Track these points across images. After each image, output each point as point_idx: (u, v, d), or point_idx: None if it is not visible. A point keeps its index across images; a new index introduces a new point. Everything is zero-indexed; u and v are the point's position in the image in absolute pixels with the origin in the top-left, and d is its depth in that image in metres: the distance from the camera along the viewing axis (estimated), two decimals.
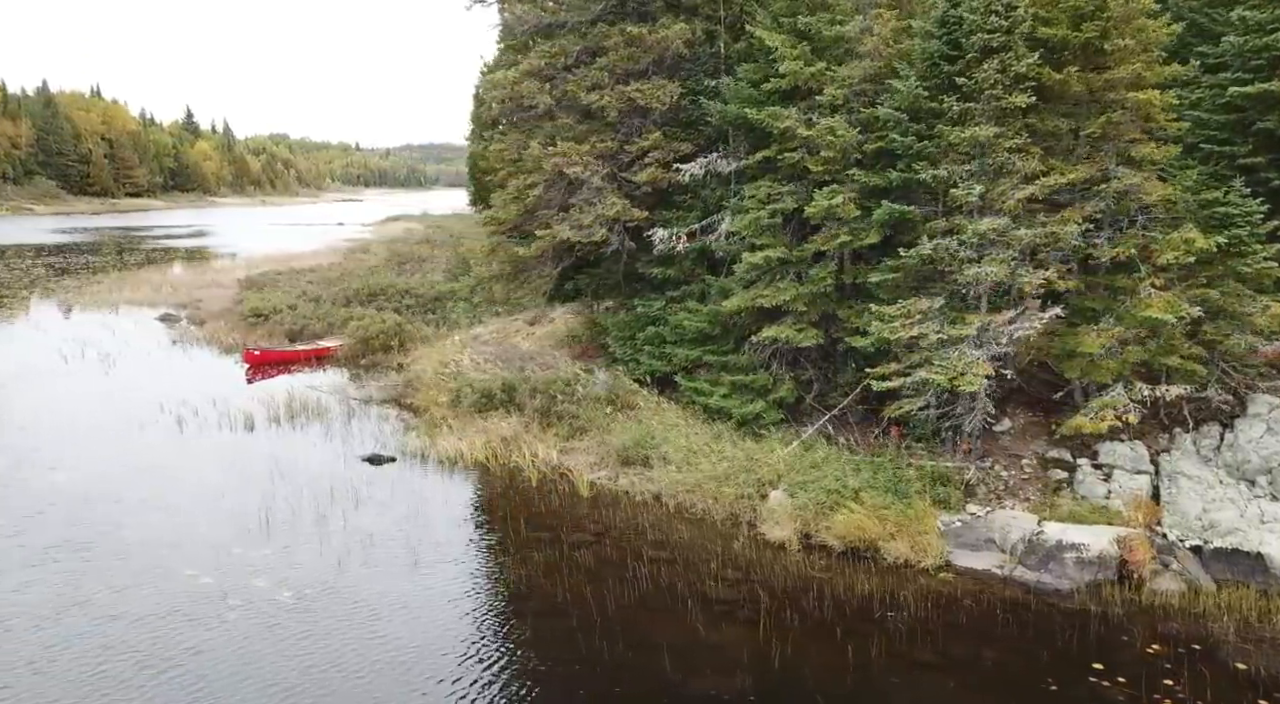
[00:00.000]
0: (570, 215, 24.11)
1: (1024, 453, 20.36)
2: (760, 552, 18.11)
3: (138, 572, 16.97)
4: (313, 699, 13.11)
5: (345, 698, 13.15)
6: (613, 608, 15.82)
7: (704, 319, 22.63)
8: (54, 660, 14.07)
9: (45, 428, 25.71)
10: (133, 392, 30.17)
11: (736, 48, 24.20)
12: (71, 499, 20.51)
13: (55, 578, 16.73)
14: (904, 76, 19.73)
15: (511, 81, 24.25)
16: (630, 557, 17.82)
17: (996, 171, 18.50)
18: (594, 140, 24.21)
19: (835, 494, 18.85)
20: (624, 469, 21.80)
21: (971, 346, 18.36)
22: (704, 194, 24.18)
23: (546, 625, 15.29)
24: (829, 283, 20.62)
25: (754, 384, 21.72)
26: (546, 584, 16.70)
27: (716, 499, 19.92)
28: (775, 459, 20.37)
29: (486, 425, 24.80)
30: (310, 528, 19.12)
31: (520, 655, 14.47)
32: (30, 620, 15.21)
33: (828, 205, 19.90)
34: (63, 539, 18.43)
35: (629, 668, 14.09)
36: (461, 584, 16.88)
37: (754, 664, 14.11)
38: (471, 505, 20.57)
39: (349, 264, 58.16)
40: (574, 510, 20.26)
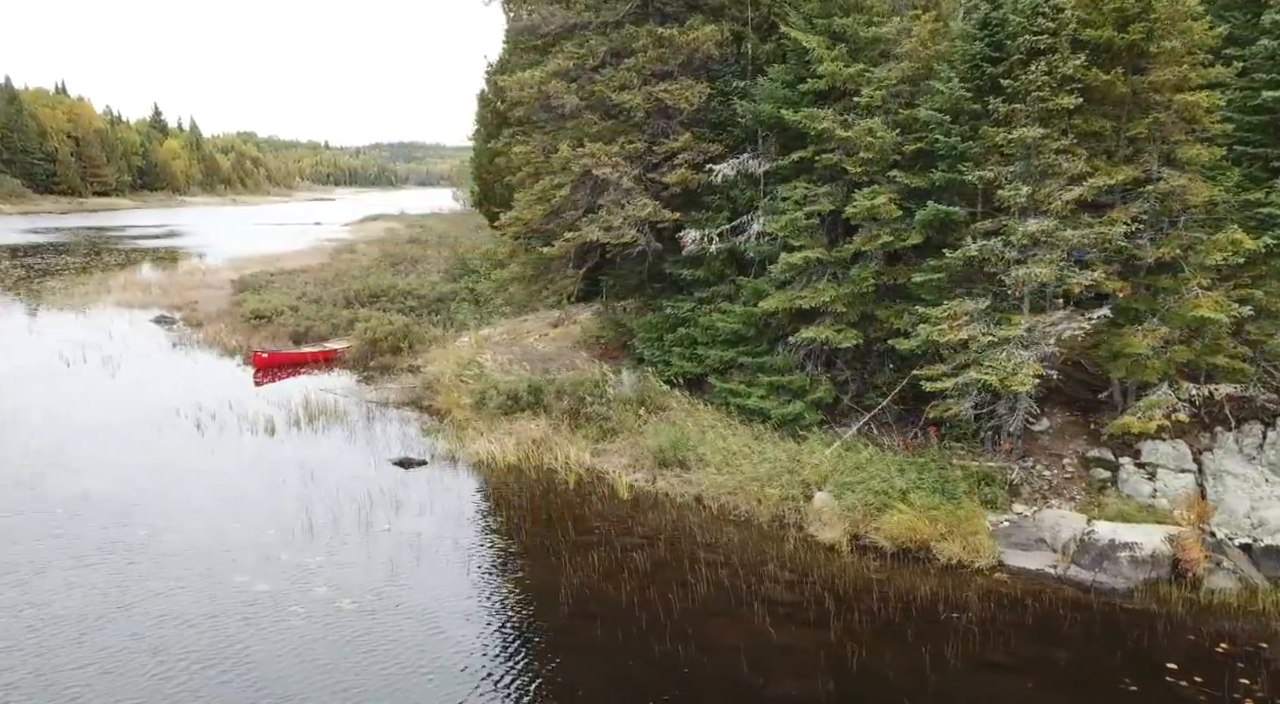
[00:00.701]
0: (599, 216, 23.95)
1: (1064, 452, 20.47)
2: (813, 553, 18.08)
3: (187, 577, 16.73)
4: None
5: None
6: (677, 611, 15.74)
7: (738, 320, 22.59)
8: (119, 662, 13.87)
9: (63, 432, 25.30)
10: (142, 395, 29.78)
11: (765, 49, 24.16)
12: (106, 503, 20.21)
13: (101, 580, 16.51)
14: (945, 78, 19.76)
15: (539, 81, 24.06)
16: (684, 559, 17.76)
17: (1042, 173, 18.57)
18: (622, 141, 24.09)
19: (882, 495, 18.87)
20: (661, 471, 21.71)
21: (1018, 347, 18.41)
22: (732, 194, 24.11)
23: (614, 629, 15.17)
24: (870, 283, 20.61)
25: (791, 385, 21.71)
26: (607, 587, 16.59)
27: (760, 501, 19.87)
28: (817, 460, 20.34)
29: (514, 427, 24.64)
30: (354, 533, 18.91)
31: (594, 659, 14.39)
32: (87, 622, 14.98)
33: (870, 206, 19.91)
34: (105, 543, 18.22)
35: (706, 672, 14.01)
36: (521, 588, 16.75)
37: (832, 667, 14.07)
38: (513, 508, 20.38)
39: (339, 265, 57.69)
40: (617, 513, 20.16)
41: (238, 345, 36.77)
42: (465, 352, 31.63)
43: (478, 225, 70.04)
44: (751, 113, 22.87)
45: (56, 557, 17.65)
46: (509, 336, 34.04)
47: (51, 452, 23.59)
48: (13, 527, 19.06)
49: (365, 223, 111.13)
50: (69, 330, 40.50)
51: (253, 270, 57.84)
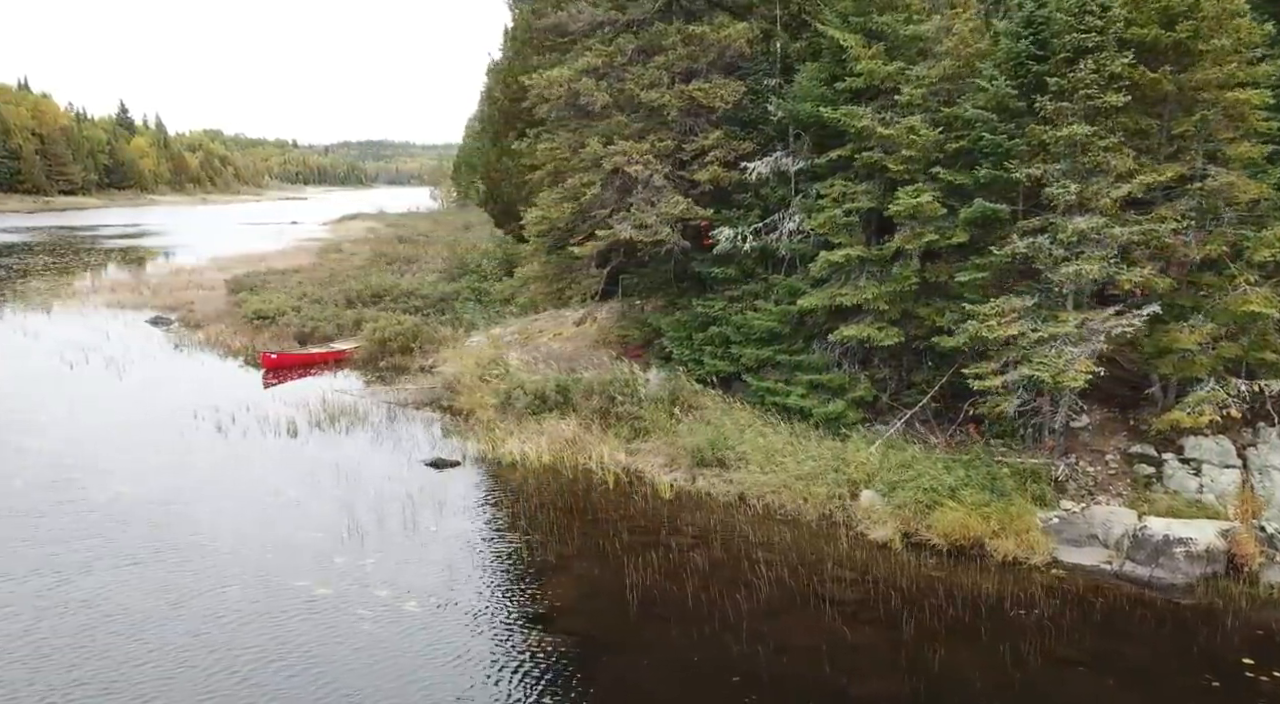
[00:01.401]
0: (631, 214, 23.82)
1: (1105, 449, 20.56)
2: (868, 551, 18.06)
3: (244, 578, 16.50)
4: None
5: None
6: (745, 610, 15.66)
7: (773, 318, 22.54)
8: (181, 660, 13.68)
9: (84, 435, 24.90)
10: (154, 397, 29.37)
11: (796, 47, 24.12)
12: (143, 505, 19.94)
13: (155, 580, 16.17)
14: (989, 76, 19.80)
15: (568, 79, 23.89)
16: (740, 559, 17.69)
17: (1089, 170, 18.64)
18: (652, 138, 23.97)
19: (931, 493, 18.87)
20: (700, 470, 21.61)
21: (1066, 344, 18.47)
22: (763, 192, 24.07)
23: (686, 629, 15.07)
24: (913, 281, 20.62)
25: (831, 383, 21.69)
26: (670, 587, 16.49)
27: (806, 499, 19.83)
28: (862, 458, 20.32)
29: (543, 427, 24.47)
30: (402, 534, 18.71)
31: (671, 660, 14.27)
32: (145, 620, 14.75)
33: (914, 204, 19.91)
34: (152, 544, 18.04)
35: (787, 672, 13.94)
36: (585, 589, 16.65)
37: (913, 665, 14.03)
38: (558, 508, 20.19)
39: (330, 265, 57.36)
40: (663, 512, 20.04)
41: (242, 346, 36.30)
42: (479, 351, 31.42)
43: (466, 225, 69.92)
44: (788, 111, 22.81)
45: (102, 557, 17.43)
46: (520, 336, 33.85)
47: (77, 454, 23.18)
48: (54, 527, 18.81)
49: (343, 222, 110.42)
50: (63, 332, 39.85)
51: (241, 270, 57.27)
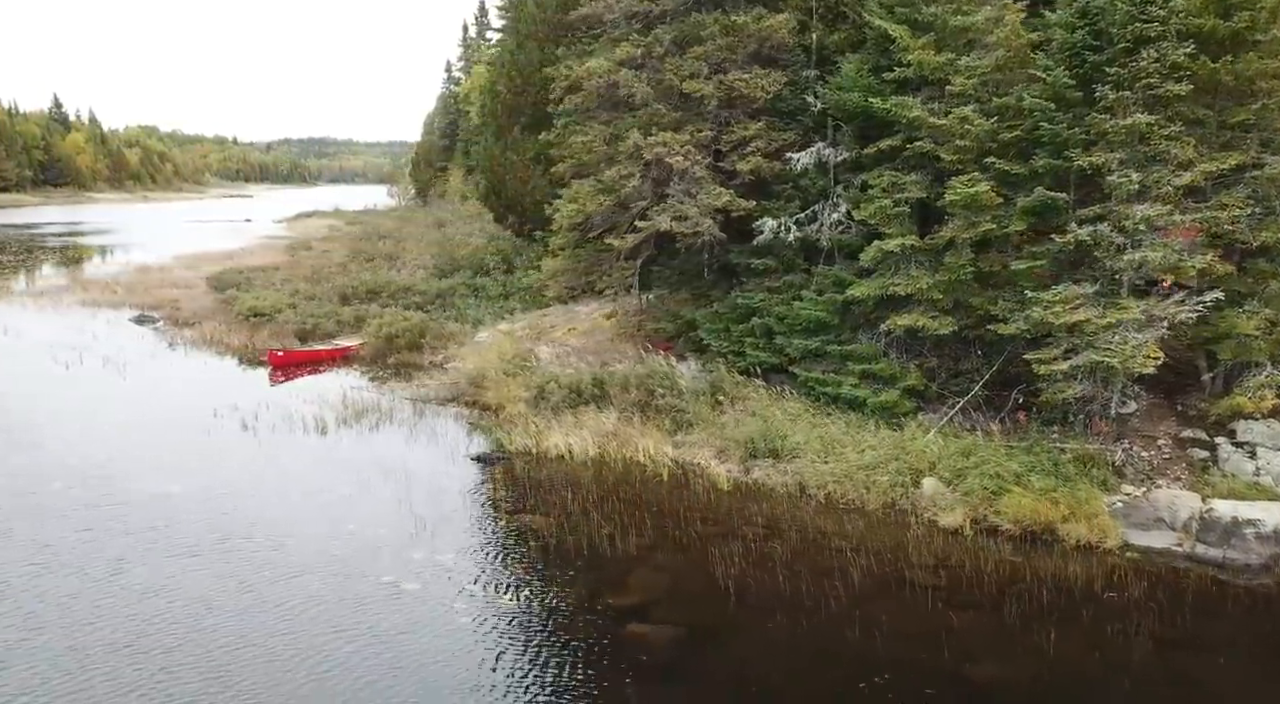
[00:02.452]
0: (670, 206, 23.70)
1: (1156, 434, 20.88)
2: (943, 538, 18.14)
3: (328, 577, 16.08)
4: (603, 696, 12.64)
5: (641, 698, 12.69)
6: (838, 597, 15.66)
7: (821, 308, 22.55)
8: (275, 650, 13.29)
9: (106, 434, 24.24)
10: (165, 396, 28.71)
11: (834, 38, 24.16)
12: (195, 502, 19.48)
13: (230, 572, 15.70)
14: (1044, 67, 19.99)
15: (606, 70, 23.70)
16: (819, 548, 17.72)
17: (1148, 159, 18.90)
18: (691, 129, 23.87)
19: (997, 479, 19.00)
20: (754, 462, 21.54)
21: (1130, 330, 18.72)
22: (802, 184, 24.08)
23: (786, 617, 15.10)
24: (968, 270, 20.76)
25: (883, 373, 21.77)
26: (758, 576, 16.43)
27: (869, 488, 19.86)
28: (920, 446, 20.42)
29: (581, 421, 24.23)
30: (473, 530, 18.50)
31: (783, 646, 14.31)
32: (232, 612, 14.31)
33: (971, 193, 20.03)
34: (216, 539, 17.53)
35: (899, 655, 13.92)
36: (672, 580, 16.59)
37: (1026, 648, 14.15)
38: (620, 500, 19.99)
39: (309, 262, 56.34)
40: (726, 504, 19.99)
41: (242, 344, 35.51)
42: (499, 346, 31.09)
43: (439, 222, 69.09)
44: (832, 101, 22.83)
45: (169, 551, 17.05)
46: (532, 332, 33.59)
47: (106, 454, 22.55)
48: (108, 524, 18.35)
49: (299, 220, 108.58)
50: (45, 331, 38.68)
51: (212, 268, 56.35)
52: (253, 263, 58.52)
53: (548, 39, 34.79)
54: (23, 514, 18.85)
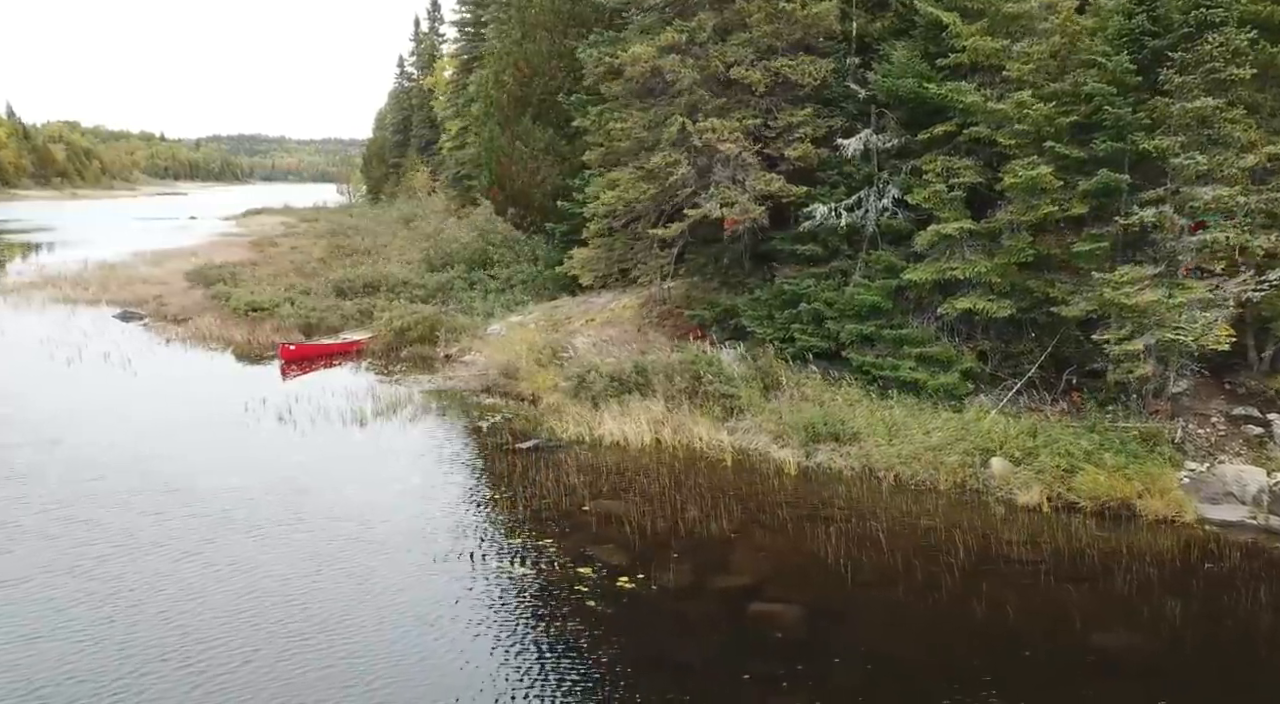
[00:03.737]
0: (718, 192, 23.70)
1: (1208, 411, 21.39)
2: (1026, 515, 18.39)
3: (436, 563, 15.82)
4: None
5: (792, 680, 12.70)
6: (950, 575, 15.79)
7: (876, 293, 22.72)
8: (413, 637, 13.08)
9: (142, 432, 23.51)
10: (186, 392, 28.11)
11: (876, 26, 24.36)
12: (268, 496, 19.04)
13: (347, 568, 15.38)
14: (1102, 52, 20.36)
15: (651, 57, 23.61)
16: (907, 527, 17.87)
17: (1211, 142, 19.35)
18: (738, 116, 23.90)
19: (1068, 457, 19.33)
20: (815, 446, 21.61)
21: (1196, 309, 19.17)
22: (846, 170, 24.25)
23: (900, 593, 15.25)
24: (1027, 253, 21.07)
25: (941, 356, 22.01)
26: (865, 557, 16.49)
27: (938, 469, 20.06)
28: (984, 427, 20.68)
29: (626, 409, 24.10)
30: (559, 516, 18.33)
31: (908, 621, 14.40)
32: (353, 602, 14.02)
33: (1032, 176, 20.32)
34: (308, 528, 17.21)
35: (1024, 627, 14.17)
36: (776, 561, 16.63)
37: (1153, 618, 14.45)
38: (695, 487, 19.94)
39: (283, 258, 55.51)
40: (799, 487, 20.07)
41: (244, 340, 34.77)
42: (520, 337, 30.85)
43: (407, 218, 68.30)
44: (883, 88, 23.00)
45: (250, 532, 16.81)
46: (547, 323, 33.37)
47: (153, 449, 21.96)
48: (181, 509, 18.08)
49: (249, 217, 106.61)
50: (28, 328, 37.44)
51: (178, 265, 55.21)
52: (222, 259, 57.21)
53: (557, 28, 34.53)
54: (92, 504, 18.36)
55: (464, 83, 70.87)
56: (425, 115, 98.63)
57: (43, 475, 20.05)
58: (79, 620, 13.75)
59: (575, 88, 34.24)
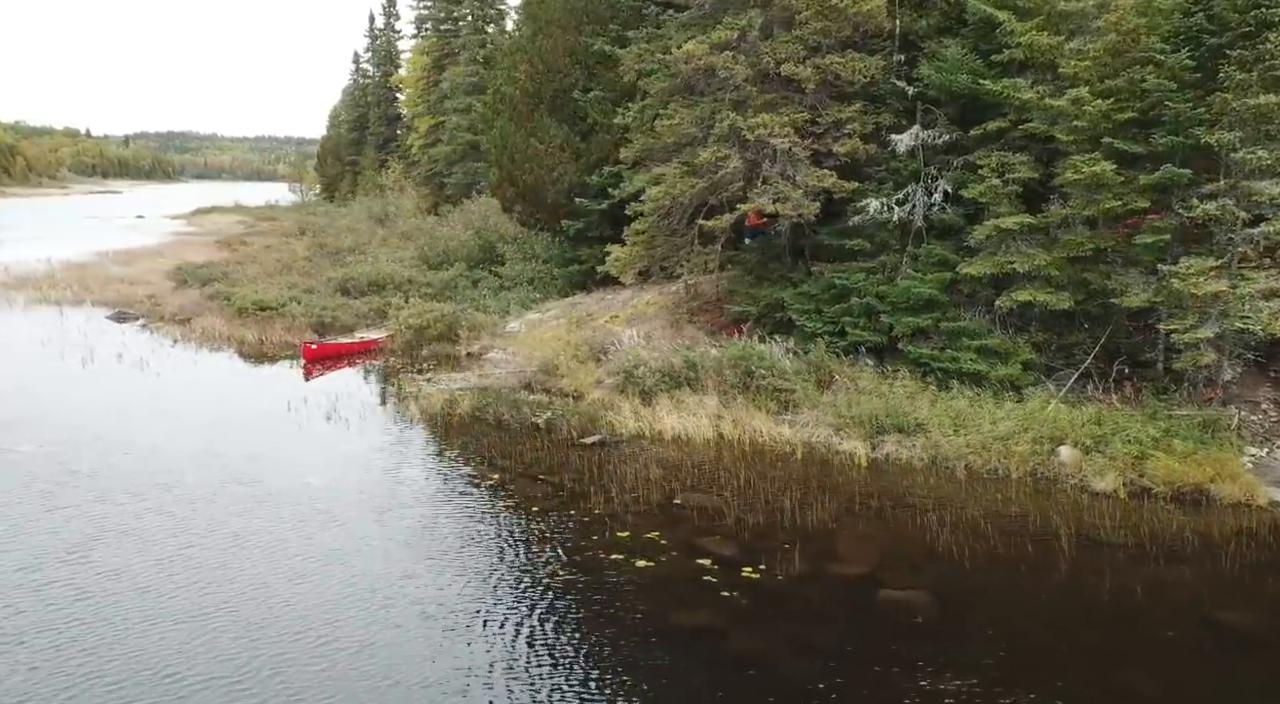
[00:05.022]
0: (770, 188, 23.93)
1: (1256, 398, 22.14)
2: (1107, 502, 18.86)
3: (558, 555, 15.83)
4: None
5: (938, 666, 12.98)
6: (1058, 559, 16.21)
7: (933, 286, 23.11)
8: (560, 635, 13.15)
9: (201, 432, 23.07)
10: (218, 393, 27.81)
11: (922, 23, 24.75)
12: (353, 495, 18.84)
13: (480, 567, 15.34)
14: (1160, 49, 20.97)
15: (704, 53, 23.76)
16: (1000, 515, 18.20)
17: (1270, 137, 20.04)
18: (788, 111, 24.15)
19: (1136, 444, 19.89)
20: (880, 438, 21.91)
21: (1259, 298, 19.86)
22: (893, 165, 24.63)
23: (1027, 581, 15.62)
24: (1087, 247, 21.60)
25: (998, 348, 22.47)
26: (968, 544, 16.73)
27: (1008, 458, 20.48)
28: (1048, 416, 21.17)
29: (679, 404, 24.22)
30: (655, 509, 18.45)
31: (1040, 606, 14.77)
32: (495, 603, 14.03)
33: (1093, 171, 20.85)
34: (414, 523, 16.97)
35: (1154, 607, 14.64)
36: (885, 550, 16.85)
37: (1268, 598, 14.94)
38: (774, 479, 20.12)
39: (263, 256, 54.60)
40: (875, 478, 20.37)
41: (257, 339, 34.25)
42: (552, 333, 30.81)
43: (380, 217, 67.52)
44: (937, 83, 23.40)
45: (358, 524, 16.45)
46: (568, 320, 33.35)
47: (213, 449, 21.56)
48: (269, 508, 17.85)
49: (201, 216, 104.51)
50: (21, 330, 36.46)
51: (152, 264, 54.23)
52: (193, 259, 56.21)
53: (571, 25, 34.50)
54: (178, 501, 18.15)
55: (435, 80, 70.31)
56: (383, 112, 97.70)
57: (113, 474, 19.65)
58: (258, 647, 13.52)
59: (590, 84, 34.31)
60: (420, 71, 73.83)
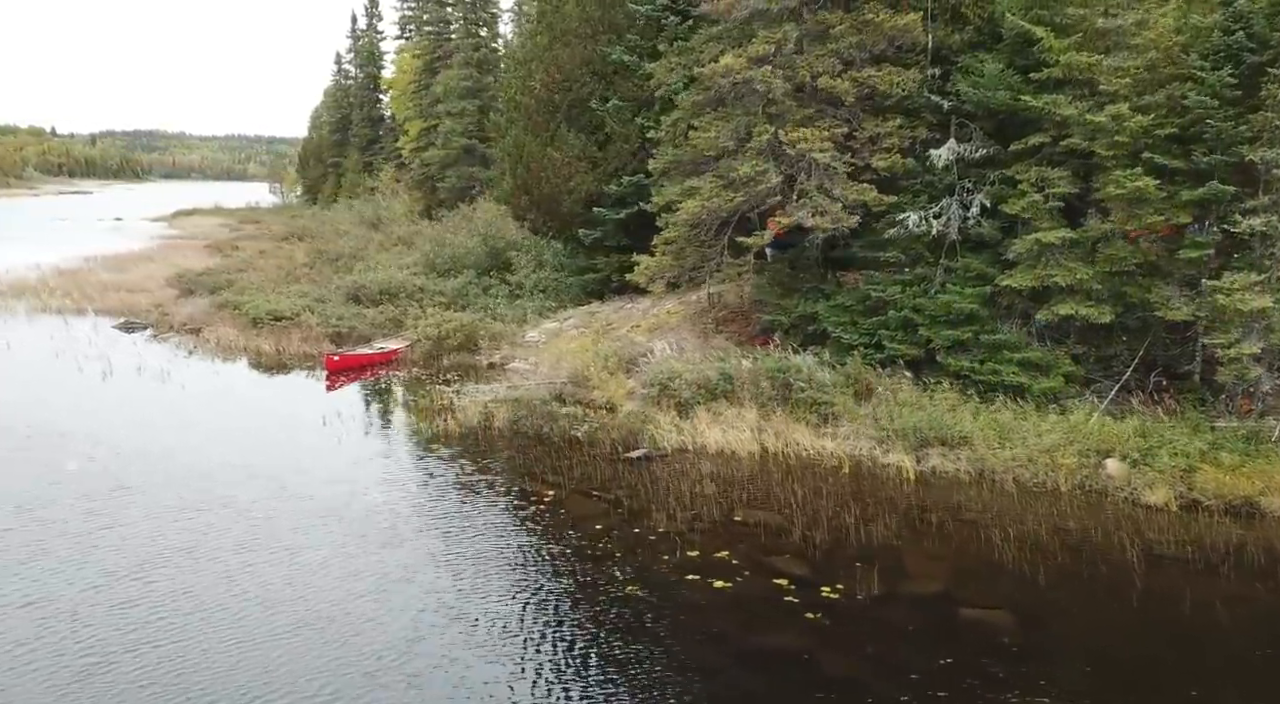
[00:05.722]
0: (810, 200, 24.06)
1: None
2: (1162, 516, 19.10)
3: (660, 582, 15.89)
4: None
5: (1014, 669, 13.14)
6: (1127, 574, 16.44)
7: (974, 299, 23.31)
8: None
9: (246, 444, 23.06)
10: (251, 406, 27.95)
11: (955, 38, 24.96)
12: (410, 510, 18.71)
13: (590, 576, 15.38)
14: (1200, 66, 21.27)
15: (742, 67, 23.85)
16: (1062, 531, 18.34)
17: None
18: (825, 125, 24.30)
19: (1182, 457, 20.16)
20: (925, 451, 22.07)
21: None
22: (928, 179, 24.83)
23: (1104, 595, 15.86)
24: (1130, 261, 21.88)
25: (1039, 361, 22.71)
26: (1036, 559, 16.94)
27: (1056, 471, 20.70)
28: (1092, 429, 21.41)
29: (717, 417, 24.29)
30: (719, 527, 18.59)
31: (1123, 623, 15.02)
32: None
33: (1136, 187, 21.12)
34: (484, 541, 16.94)
35: (1237, 622, 14.86)
36: (964, 567, 17.13)
37: None
38: (829, 495, 20.26)
39: (260, 263, 54.16)
40: (930, 494, 20.51)
41: (274, 350, 34.04)
42: (576, 343, 30.81)
43: (371, 221, 67.18)
44: (974, 98, 23.60)
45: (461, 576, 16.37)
46: (589, 330, 33.39)
47: (269, 464, 21.48)
48: (339, 524, 17.67)
49: (181, 218, 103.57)
50: (32, 341, 36.01)
51: (147, 270, 53.71)
52: (190, 265, 55.79)
53: (587, 35, 34.51)
54: (236, 518, 18.20)
55: (427, 83, 70.01)
56: (366, 113, 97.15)
57: (166, 490, 19.53)
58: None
59: (608, 94, 34.33)
60: (413, 74, 73.43)
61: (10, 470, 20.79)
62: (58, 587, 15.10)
